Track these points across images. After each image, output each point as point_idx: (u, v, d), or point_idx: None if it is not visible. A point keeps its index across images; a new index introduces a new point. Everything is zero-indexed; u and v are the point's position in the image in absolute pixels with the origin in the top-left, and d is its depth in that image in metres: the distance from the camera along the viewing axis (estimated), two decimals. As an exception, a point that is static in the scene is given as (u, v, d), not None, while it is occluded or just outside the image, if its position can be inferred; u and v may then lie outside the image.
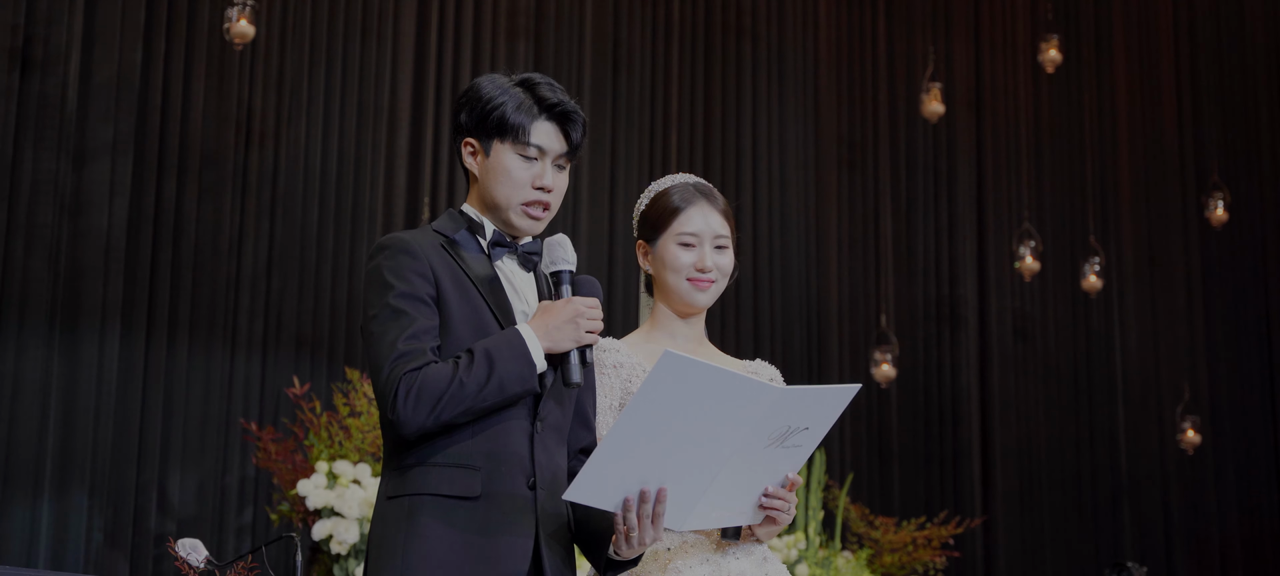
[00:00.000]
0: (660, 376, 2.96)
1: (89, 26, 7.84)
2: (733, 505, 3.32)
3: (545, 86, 3.32)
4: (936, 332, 11.34)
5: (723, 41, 10.61)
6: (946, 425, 11.25)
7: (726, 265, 3.68)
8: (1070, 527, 11.56)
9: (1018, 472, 11.42)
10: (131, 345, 7.78)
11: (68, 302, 7.62)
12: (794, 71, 10.92)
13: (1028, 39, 11.90)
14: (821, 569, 7.93)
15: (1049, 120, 12.02)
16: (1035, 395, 11.65)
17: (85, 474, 7.53)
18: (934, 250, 11.44)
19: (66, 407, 7.55)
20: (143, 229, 7.89)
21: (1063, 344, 11.81)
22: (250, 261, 8.28)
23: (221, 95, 8.28)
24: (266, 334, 8.27)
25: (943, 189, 11.53)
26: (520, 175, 3.28)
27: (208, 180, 8.18)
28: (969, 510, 10.83)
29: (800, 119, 10.90)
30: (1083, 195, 11.92)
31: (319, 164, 8.60)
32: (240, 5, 7.61)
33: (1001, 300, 11.59)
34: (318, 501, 6.70)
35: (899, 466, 10.93)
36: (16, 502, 7.35)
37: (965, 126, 11.69)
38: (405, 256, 3.19)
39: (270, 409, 8.16)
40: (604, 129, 9.89)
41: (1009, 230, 11.44)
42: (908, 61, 11.46)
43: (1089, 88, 12.19)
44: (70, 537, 7.47)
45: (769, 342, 10.42)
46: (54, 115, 7.65)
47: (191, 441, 7.96)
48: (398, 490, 3.15)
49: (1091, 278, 10.91)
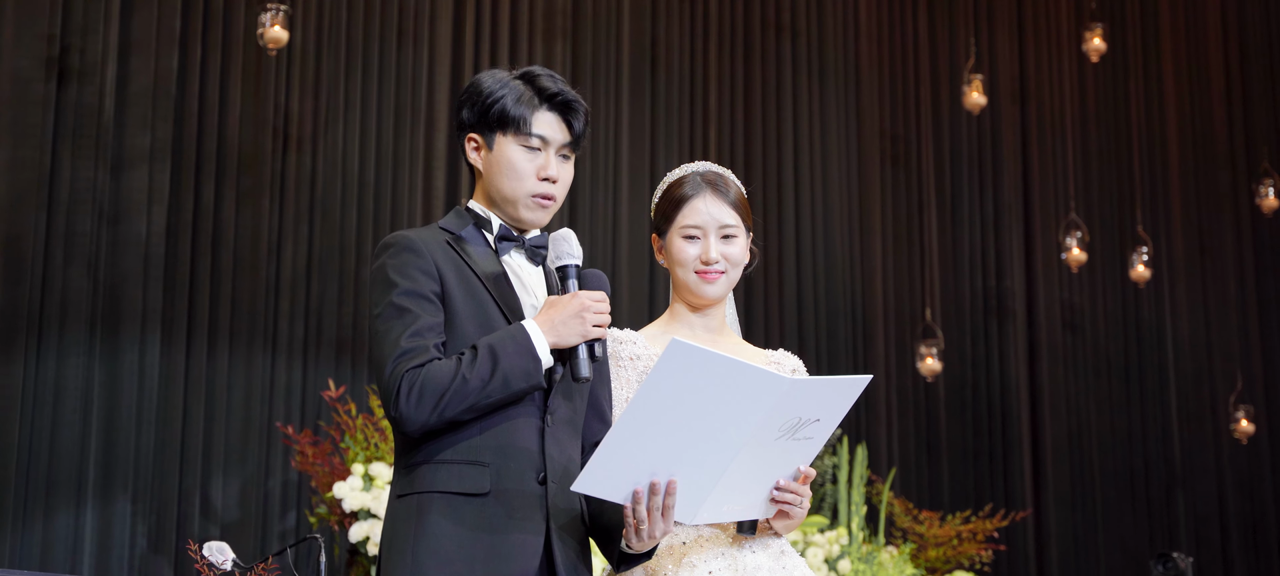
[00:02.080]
0: (667, 365, 2.93)
1: (125, 35, 7.88)
2: (744, 498, 3.29)
3: (545, 77, 3.31)
4: (984, 326, 11.27)
5: (761, 38, 10.58)
6: (995, 419, 11.17)
7: (736, 254, 3.64)
8: (1124, 520, 11.46)
9: (1069, 465, 11.33)
10: (172, 351, 7.81)
11: (108, 310, 7.66)
12: (834, 66, 10.87)
13: (1072, 28, 11.81)
14: (865, 564, 7.88)
15: (1095, 110, 11.92)
16: (1085, 387, 11.56)
17: (128, 480, 7.57)
18: (980, 243, 11.37)
19: (108, 415, 7.59)
20: (181, 235, 7.92)
21: (1113, 335, 11.71)
22: (289, 266, 8.30)
23: (258, 101, 8.30)
24: (306, 338, 8.29)
25: (988, 181, 11.46)
26: (524, 167, 3.27)
27: (246, 186, 8.20)
28: (1019, 505, 10.76)
29: (841, 113, 10.85)
30: (1130, 184, 11.82)
31: (357, 168, 8.62)
32: (273, 11, 7.62)
33: (1050, 292, 11.51)
34: (354, 503, 6.71)
35: (948, 461, 10.87)
36: (61, 510, 7.39)
37: (1010, 117, 11.61)
38: (409, 254, 3.18)
39: (311, 413, 8.17)
40: (643, 128, 9.87)
41: (1056, 221, 11.35)
42: (950, 53, 11.39)
43: (1135, 76, 12.09)
44: (114, 544, 7.51)
45: (814, 338, 10.38)
46: (91, 124, 7.69)
47: (233, 446, 7.99)
48: (407, 488, 3.14)
49: (1140, 267, 10.81)
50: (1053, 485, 11.20)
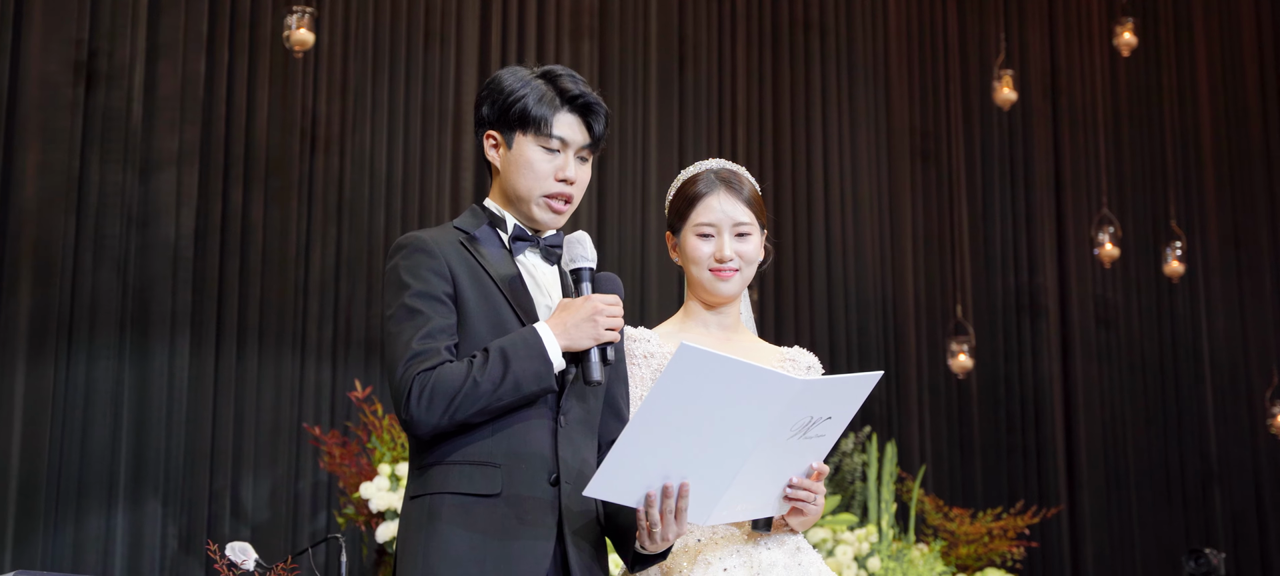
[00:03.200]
0: (677, 369, 2.91)
1: (152, 39, 7.92)
2: (758, 498, 3.28)
3: (567, 78, 3.29)
4: (1016, 322, 11.22)
5: (790, 35, 10.55)
6: (1029, 415, 11.13)
7: (750, 252, 3.64)
8: (1160, 516, 11.40)
9: (1104, 462, 11.28)
10: (201, 353, 7.84)
11: (137, 313, 7.70)
12: (863, 62, 10.84)
13: (1103, 22, 11.75)
14: (895, 561, 7.84)
15: (1128, 104, 11.86)
16: (1120, 383, 11.50)
17: (158, 482, 7.61)
18: (1011, 239, 11.33)
19: (139, 417, 7.63)
20: (210, 238, 7.96)
21: (1147, 330, 11.65)
22: (318, 268, 8.33)
23: (286, 103, 8.33)
24: (335, 339, 8.31)
25: (1019, 176, 11.41)
26: (542, 167, 3.25)
27: (273, 188, 8.23)
28: (1053, 502, 10.71)
29: (871, 110, 10.82)
30: (1163, 179, 11.75)
31: (385, 169, 8.64)
32: (299, 13, 7.64)
33: (1083, 288, 11.45)
34: (381, 503, 6.72)
35: (981, 458, 10.83)
36: (92, 511, 7.43)
37: (1041, 113, 11.56)
38: (422, 255, 3.17)
39: (340, 413, 8.19)
40: (671, 126, 9.86)
41: (1089, 217, 11.29)
42: (980, 49, 11.35)
43: (1168, 69, 12.01)
44: (145, 545, 7.55)
45: (845, 336, 10.36)
46: (119, 127, 7.73)
47: (263, 447, 8.02)
48: (419, 490, 3.14)
49: (1173, 262, 10.74)
50: (1087, 481, 11.15)
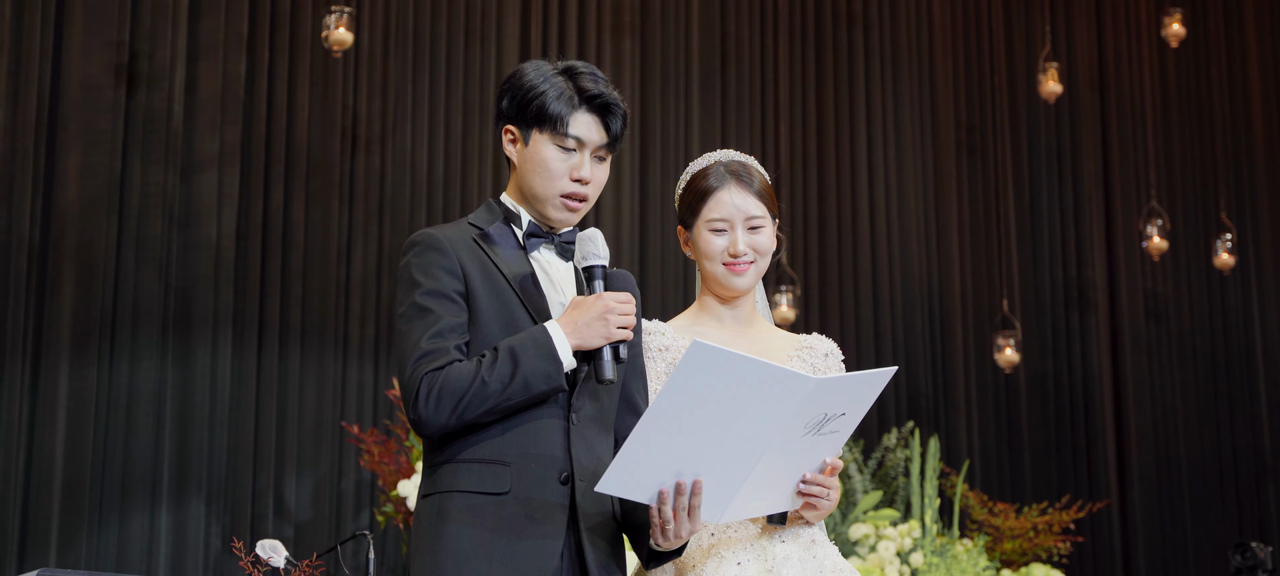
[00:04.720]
0: (688, 367, 2.90)
1: (192, 40, 7.97)
2: (771, 494, 3.26)
3: (588, 76, 3.27)
4: (1065, 316, 11.14)
5: (833, 30, 10.51)
6: (1078, 410, 11.05)
7: (763, 244, 3.62)
8: (1212, 510, 11.30)
9: (1155, 456, 11.19)
10: (243, 353, 7.88)
11: (180, 313, 7.74)
12: (907, 56, 10.78)
13: (1151, 14, 11.65)
14: (938, 557, 7.80)
15: (1177, 96, 11.76)
16: (1171, 376, 11.40)
17: (202, 481, 7.65)
18: (1060, 232, 11.24)
19: (181, 417, 7.68)
20: (251, 238, 8.00)
21: (1198, 323, 11.55)
22: (360, 267, 8.35)
23: (326, 102, 8.36)
24: (377, 338, 8.34)
25: (1067, 170, 11.32)
26: (558, 167, 3.24)
27: (315, 187, 8.26)
28: (1103, 497, 10.64)
29: (915, 105, 10.76)
30: (1213, 171, 11.64)
31: (426, 167, 8.65)
32: (338, 12, 7.66)
33: (1132, 281, 11.36)
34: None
35: (1029, 454, 10.76)
36: (136, 511, 7.48)
37: (1089, 105, 11.47)
38: (433, 253, 3.17)
39: (383, 412, 8.22)
40: (714, 123, 9.84)
41: (1138, 210, 11.20)
42: (1026, 42, 11.27)
43: (1217, 60, 11.90)
44: (189, 544, 7.59)
45: (891, 331, 10.31)
46: (160, 129, 7.78)
47: (306, 446, 8.05)
48: (430, 488, 3.14)
49: (1223, 255, 10.65)
50: (1138, 476, 11.06)
